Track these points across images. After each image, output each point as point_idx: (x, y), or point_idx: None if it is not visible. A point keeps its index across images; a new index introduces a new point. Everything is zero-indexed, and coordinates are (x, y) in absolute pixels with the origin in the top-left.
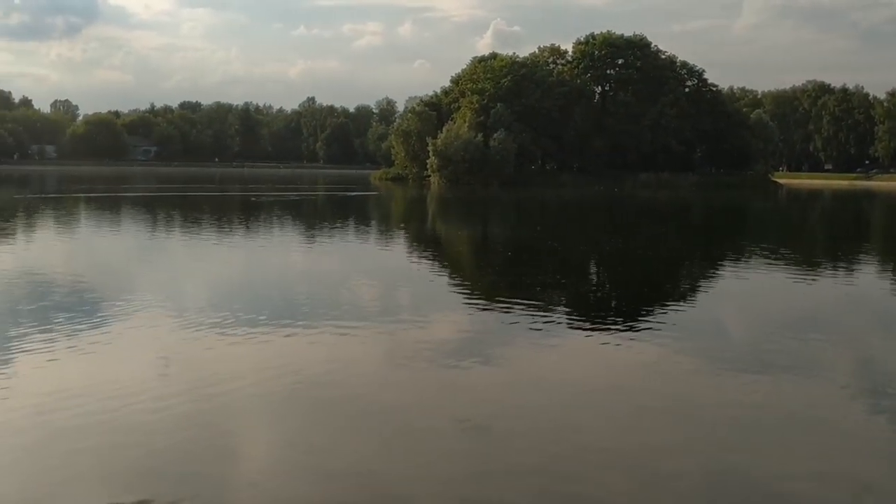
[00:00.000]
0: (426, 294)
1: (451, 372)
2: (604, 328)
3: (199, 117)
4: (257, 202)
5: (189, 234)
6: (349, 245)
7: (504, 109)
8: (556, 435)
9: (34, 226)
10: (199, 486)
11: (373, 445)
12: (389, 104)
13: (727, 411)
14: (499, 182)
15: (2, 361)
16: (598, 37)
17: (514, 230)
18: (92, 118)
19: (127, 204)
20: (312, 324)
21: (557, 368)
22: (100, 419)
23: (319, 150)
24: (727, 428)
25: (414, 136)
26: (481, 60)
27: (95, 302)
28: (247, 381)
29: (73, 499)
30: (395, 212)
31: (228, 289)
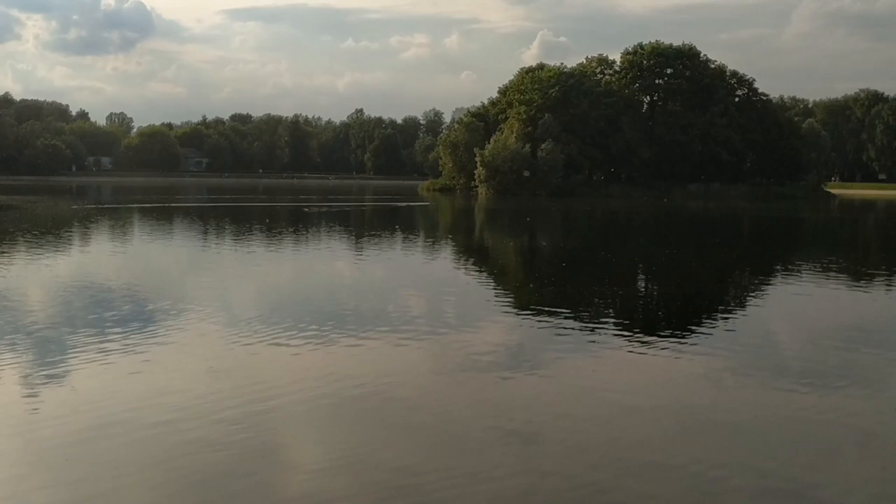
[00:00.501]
0: (473, 304)
1: (496, 382)
2: (651, 340)
3: (250, 129)
4: (309, 213)
5: (240, 244)
6: (397, 255)
7: (552, 120)
8: (601, 447)
9: (90, 236)
10: (247, 494)
11: (418, 455)
12: (436, 115)
13: (777, 426)
14: (546, 192)
15: (58, 369)
16: (646, 46)
17: (561, 241)
18: (146, 130)
19: (179, 214)
20: (360, 333)
21: (604, 380)
22: (152, 426)
23: (367, 162)
24: (776, 443)
25: (461, 146)
26: (529, 71)
27: (148, 311)
28: (295, 390)
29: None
30: (443, 222)
31: (278, 298)
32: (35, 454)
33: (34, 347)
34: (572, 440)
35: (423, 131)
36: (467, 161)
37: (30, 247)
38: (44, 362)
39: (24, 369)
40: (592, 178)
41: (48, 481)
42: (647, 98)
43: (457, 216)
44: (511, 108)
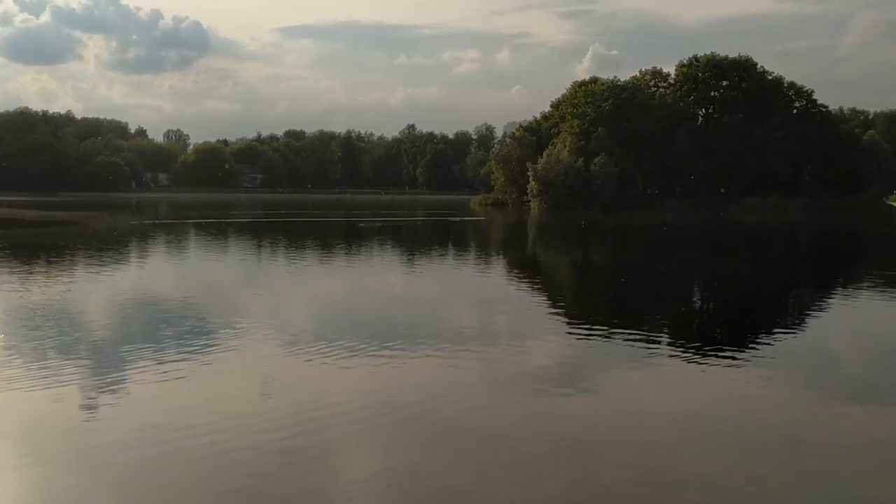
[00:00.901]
0: (525, 320)
1: (549, 398)
2: (707, 356)
3: (304, 145)
4: (363, 228)
5: (294, 259)
6: (450, 270)
7: (605, 133)
8: (654, 464)
9: (147, 251)
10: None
11: (469, 472)
12: (488, 130)
13: (835, 445)
14: (600, 207)
15: (116, 381)
16: (701, 59)
17: (615, 255)
18: (202, 147)
19: (234, 230)
20: (412, 349)
21: (657, 396)
22: (206, 438)
23: (419, 176)
24: (835, 462)
25: (514, 161)
26: (581, 85)
27: (204, 325)
28: (347, 405)
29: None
30: (496, 237)
31: (331, 313)
32: (91, 463)
33: (93, 360)
34: (625, 456)
35: (474, 146)
36: (520, 175)
37: (90, 262)
38: (102, 374)
39: (83, 381)
40: (647, 192)
41: (102, 490)
42: (702, 111)
43: (509, 231)
44: (564, 121)
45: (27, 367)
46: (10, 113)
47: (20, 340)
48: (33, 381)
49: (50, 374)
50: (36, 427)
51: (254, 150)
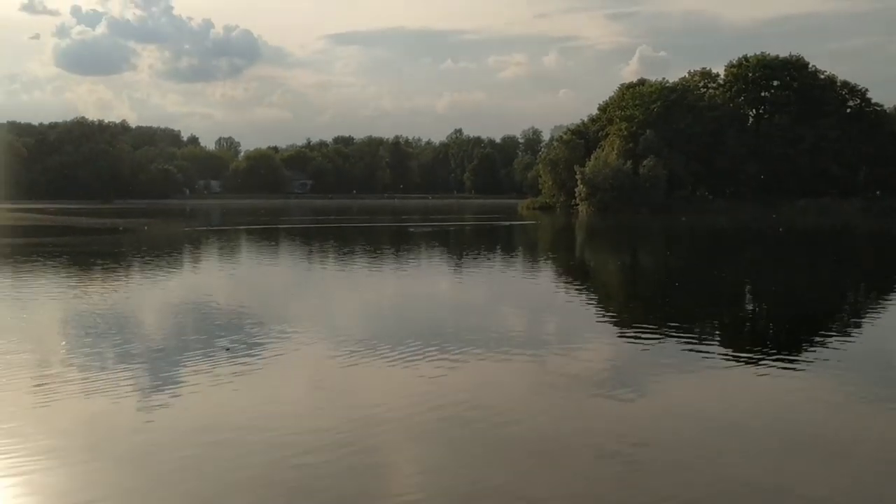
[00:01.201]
0: (574, 323)
1: (597, 401)
2: (759, 360)
3: (352, 151)
4: (414, 233)
5: (344, 264)
6: (499, 274)
7: (654, 135)
8: (704, 469)
9: (200, 257)
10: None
11: (518, 474)
12: (535, 133)
13: (884, 449)
14: (649, 209)
15: (171, 384)
16: (751, 59)
17: (664, 259)
18: (253, 153)
19: (285, 235)
20: (460, 352)
21: (708, 400)
22: (256, 440)
23: (466, 181)
24: (882, 467)
25: (561, 164)
26: (629, 87)
27: (256, 330)
28: (396, 408)
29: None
30: (544, 240)
31: (381, 317)
32: (146, 462)
33: (147, 365)
34: (672, 461)
35: (521, 150)
36: (567, 179)
37: (145, 269)
38: (157, 378)
39: (139, 384)
40: (696, 195)
41: (157, 495)
42: (752, 111)
43: (558, 234)
44: (611, 124)
45: (86, 370)
46: (67, 123)
47: (80, 346)
48: (92, 385)
49: (108, 377)
50: (95, 427)
51: (303, 156)
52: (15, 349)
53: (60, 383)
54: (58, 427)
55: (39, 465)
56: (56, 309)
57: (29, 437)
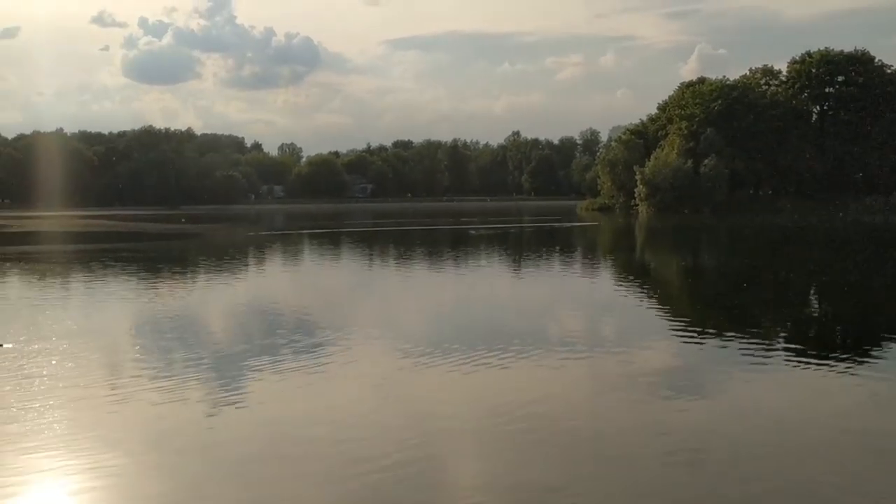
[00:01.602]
0: (635, 325)
1: (659, 404)
2: (825, 361)
3: (411, 154)
4: (476, 235)
5: (404, 266)
6: (559, 275)
7: (714, 134)
8: (767, 471)
9: (264, 261)
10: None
11: (577, 476)
12: (593, 134)
13: None
14: (710, 209)
15: (235, 385)
16: (814, 54)
17: (727, 259)
18: (314, 159)
19: (347, 239)
20: (521, 353)
21: (772, 402)
22: (319, 444)
23: (524, 183)
24: None
25: (620, 165)
26: (689, 85)
27: (318, 332)
28: (457, 409)
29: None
30: (604, 242)
31: (442, 319)
32: (211, 469)
33: (214, 368)
34: (736, 463)
35: (579, 151)
36: (627, 179)
37: (210, 273)
38: (222, 381)
39: (202, 388)
40: (759, 194)
41: (223, 496)
42: (816, 108)
43: (618, 235)
44: (671, 123)
45: (156, 372)
46: (135, 131)
47: (150, 349)
48: (161, 386)
49: (176, 379)
50: (164, 428)
51: (364, 160)
52: (88, 352)
53: (131, 385)
54: (129, 427)
55: (112, 463)
56: (127, 313)
57: (102, 436)
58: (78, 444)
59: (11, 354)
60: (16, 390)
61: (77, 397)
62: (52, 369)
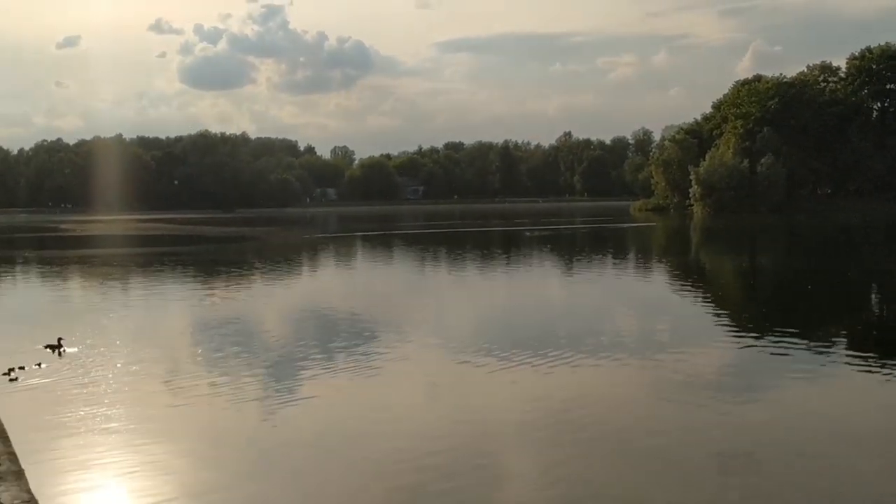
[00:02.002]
0: (691, 327)
1: (715, 406)
2: (886, 365)
3: (462, 156)
4: (530, 237)
5: (457, 268)
6: (613, 277)
7: (771, 133)
8: (823, 476)
9: (318, 263)
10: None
11: (631, 480)
12: (646, 134)
13: None
14: (767, 209)
15: (289, 386)
16: (875, 50)
17: (785, 260)
18: (366, 161)
19: (399, 241)
20: (574, 356)
21: (830, 406)
22: (371, 439)
23: (576, 183)
24: None
25: (674, 164)
26: (745, 83)
27: (372, 334)
28: (508, 411)
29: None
30: (659, 242)
31: (493, 322)
32: (269, 466)
33: (269, 367)
34: (792, 467)
35: (632, 151)
36: (681, 179)
37: (267, 275)
38: (277, 381)
39: (259, 388)
40: (817, 193)
41: (278, 491)
42: (877, 105)
43: (673, 236)
44: (726, 122)
45: (213, 372)
46: (191, 136)
47: (208, 349)
48: (218, 385)
49: (232, 379)
50: (221, 426)
51: (415, 162)
52: (150, 354)
53: (190, 384)
54: (187, 425)
55: (171, 460)
56: (187, 315)
57: (162, 434)
58: (139, 442)
59: (78, 359)
60: (82, 392)
61: (139, 398)
62: (115, 372)
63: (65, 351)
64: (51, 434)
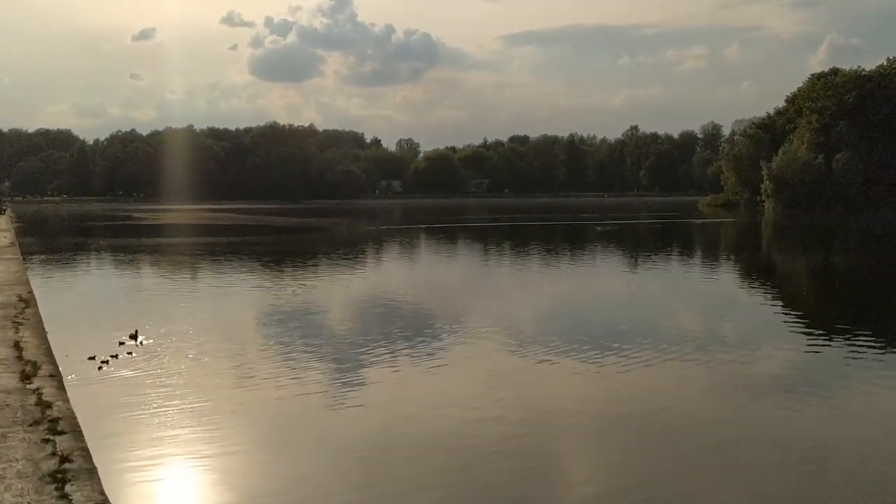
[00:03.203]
0: (756, 325)
1: (780, 407)
2: None
3: (528, 150)
4: (602, 231)
5: (521, 262)
6: (682, 274)
7: (848, 128)
8: (890, 479)
9: (382, 255)
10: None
11: (692, 478)
12: (715, 128)
13: None
14: (843, 206)
15: (352, 378)
16: None
17: (860, 259)
18: (431, 154)
19: (464, 234)
20: (635, 354)
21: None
22: (432, 432)
23: (643, 178)
24: None
25: (745, 160)
26: (820, 77)
27: (433, 326)
28: (570, 406)
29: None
30: (730, 239)
31: (554, 317)
32: (331, 456)
33: (332, 358)
34: (859, 470)
35: (700, 145)
36: (752, 175)
37: (333, 266)
38: (340, 371)
39: (323, 376)
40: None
41: (337, 473)
42: None
43: (744, 233)
44: (800, 116)
45: (278, 363)
46: (260, 127)
47: (275, 341)
48: (283, 376)
49: (297, 370)
50: (283, 415)
51: (480, 155)
52: (219, 344)
53: (255, 375)
54: (253, 416)
55: (235, 450)
56: (255, 305)
57: (227, 424)
58: (210, 436)
59: (153, 350)
60: (155, 385)
61: (210, 391)
62: (187, 364)
63: (141, 343)
64: (123, 429)
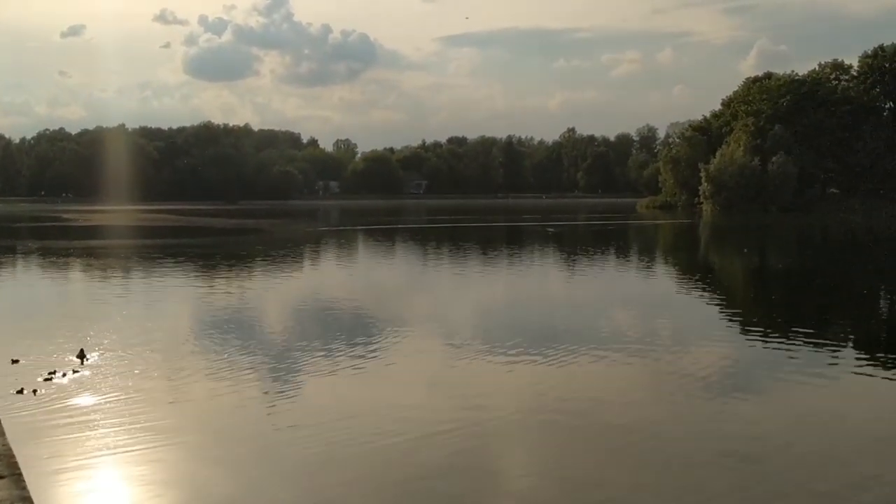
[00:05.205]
0: (692, 325)
1: (716, 404)
2: (887, 365)
3: (466, 151)
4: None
5: (459, 264)
6: (619, 274)
7: (783, 131)
8: (826, 477)
9: (321, 257)
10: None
11: (628, 477)
12: (650, 131)
13: None
14: (777, 208)
15: (289, 381)
16: (888, 48)
17: (793, 260)
18: (369, 155)
19: (402, 236)
20: (573, 353)
21: (832, 407)
22: (370, 435)
23: (580, 180)
24: None
25: (683, 162)
26: (755, 81)
27: (372, 328)
28: (507, 407)
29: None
30: (668, 241)
31: (494, 317)
32: (268, 461)
33: (269, 361)
34: (797, 469)
35: (636, 148)
36: (690, 177)
37: (270, 268)
38: (277, 375)
39: (258, 381)
40: (828, 192)
41: (280, 487)
42: (889, 104)
43: (682, 234)
44: (736, 119)
45: (213, 367)
46: (195, 126)
47: (211, 345)
48: (218, 379)
49: (232, 373)
50: (221, 420)
51: (418, 157)
52: (149, 346)
53: (189, 379)
54: (187, 421)
55: (170, 456)
56: (186, 307)
57: (162, 429)
58: (138, 438)
59: (98, 365)
60: (92, 405)
61: (140, 392)
62: (134, 379)
63: (87, 360)
64: (54, 440)
